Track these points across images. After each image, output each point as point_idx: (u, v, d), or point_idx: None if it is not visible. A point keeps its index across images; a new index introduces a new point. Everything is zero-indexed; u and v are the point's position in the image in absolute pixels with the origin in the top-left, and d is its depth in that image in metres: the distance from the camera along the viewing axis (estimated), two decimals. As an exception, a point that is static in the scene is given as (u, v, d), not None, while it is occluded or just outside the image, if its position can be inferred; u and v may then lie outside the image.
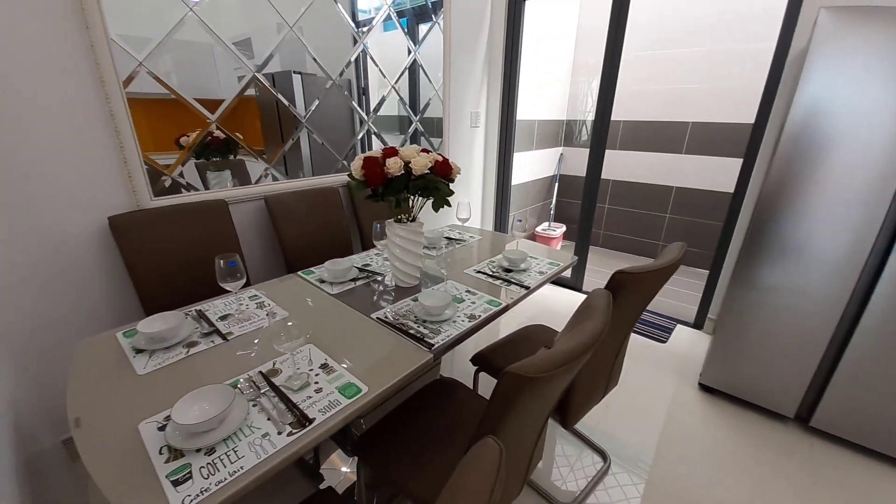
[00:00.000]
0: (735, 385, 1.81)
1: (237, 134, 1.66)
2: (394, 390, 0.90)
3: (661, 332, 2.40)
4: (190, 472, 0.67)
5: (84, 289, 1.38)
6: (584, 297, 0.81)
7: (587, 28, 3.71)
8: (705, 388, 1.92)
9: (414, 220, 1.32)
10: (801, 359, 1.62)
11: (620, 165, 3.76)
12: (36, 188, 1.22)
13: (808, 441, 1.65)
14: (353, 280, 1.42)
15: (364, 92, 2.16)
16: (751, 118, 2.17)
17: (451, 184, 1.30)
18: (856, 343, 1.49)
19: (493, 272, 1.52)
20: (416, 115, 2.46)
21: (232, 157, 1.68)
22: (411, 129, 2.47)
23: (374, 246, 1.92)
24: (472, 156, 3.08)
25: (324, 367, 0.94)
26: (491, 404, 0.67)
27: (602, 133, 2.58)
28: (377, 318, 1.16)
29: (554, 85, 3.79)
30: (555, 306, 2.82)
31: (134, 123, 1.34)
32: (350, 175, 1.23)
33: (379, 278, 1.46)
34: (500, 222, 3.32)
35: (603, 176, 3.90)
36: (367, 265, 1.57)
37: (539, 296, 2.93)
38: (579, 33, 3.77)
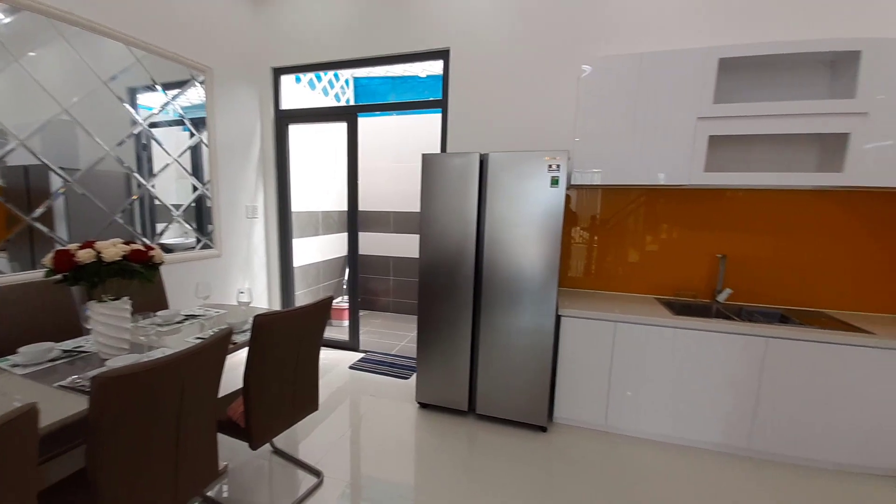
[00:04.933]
0: (434, 396, 2.47)
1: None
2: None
3: (405, 370, 3.02)
4: None
5: None
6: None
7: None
8: (422, 405, 2.53)
9: (118, 298, 1.59)
10: (457, 365, 2.38)
11: (397, 245, 4.66)
12: None
13: (480, 425, 2.36)
14: (52, 360, 1.55)
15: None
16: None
17: (159, 265, 1.66)
18: (480, 350, 2.32)
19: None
20: (177, 211, 2.77)
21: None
22: (167, 223, 2.74)
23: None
24: (251, 243, 3.45)
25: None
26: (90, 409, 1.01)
27: (352, 222, 3.34)
28: (58, 385, 1.35)
29: (338, 182, 4.61)
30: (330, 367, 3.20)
31: None
32: (43, 264, 1.47)
33: (88, 354, 1.62)
34: (287, 299, 3.67)
35: (385, 254, 4.73)
36: (80, 346, 1.70)
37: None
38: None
